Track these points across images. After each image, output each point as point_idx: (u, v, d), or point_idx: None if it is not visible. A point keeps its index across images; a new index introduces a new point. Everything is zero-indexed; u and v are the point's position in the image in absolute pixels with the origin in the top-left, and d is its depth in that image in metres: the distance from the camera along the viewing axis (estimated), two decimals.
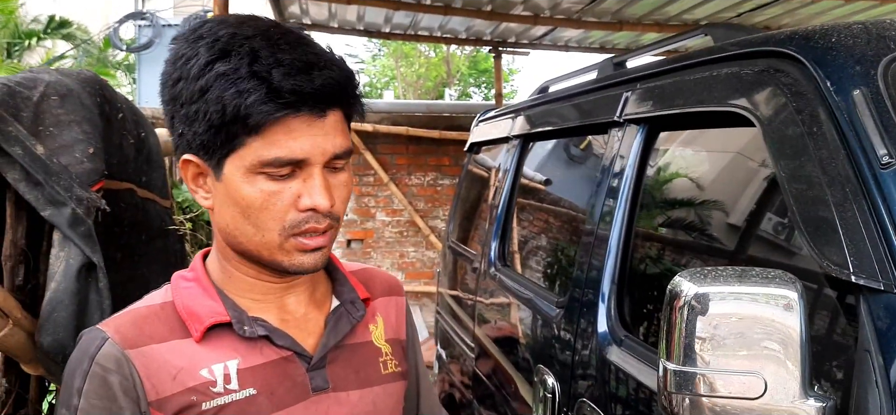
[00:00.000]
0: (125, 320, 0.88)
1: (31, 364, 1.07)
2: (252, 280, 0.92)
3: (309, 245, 0.87)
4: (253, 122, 0.80)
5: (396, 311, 1.10)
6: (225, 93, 0.80)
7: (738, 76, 1.33)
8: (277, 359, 0.91)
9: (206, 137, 0.83)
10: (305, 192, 0.85)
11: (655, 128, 1.69)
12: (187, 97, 0.83)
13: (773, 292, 0.88)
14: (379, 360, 1.02)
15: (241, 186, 0.84)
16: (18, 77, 1.10)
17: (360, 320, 1.00)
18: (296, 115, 0.82)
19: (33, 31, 12.54)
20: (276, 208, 0.84)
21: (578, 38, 6.37)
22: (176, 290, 0.93)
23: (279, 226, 0.85)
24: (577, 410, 1.64)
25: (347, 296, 1.00)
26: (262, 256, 0.88)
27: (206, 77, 0.81)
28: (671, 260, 1.64)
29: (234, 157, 0.83)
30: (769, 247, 1.36)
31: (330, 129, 0.86)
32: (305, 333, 0.95)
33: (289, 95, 0.80)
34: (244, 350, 0.89)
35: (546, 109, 2.54)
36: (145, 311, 0.90)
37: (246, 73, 0.80)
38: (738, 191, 1.50)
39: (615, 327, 1.59)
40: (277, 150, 0.82)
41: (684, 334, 0.91)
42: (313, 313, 0.97)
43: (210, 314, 0.89)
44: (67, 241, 1.03)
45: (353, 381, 0.97)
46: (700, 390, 0.91)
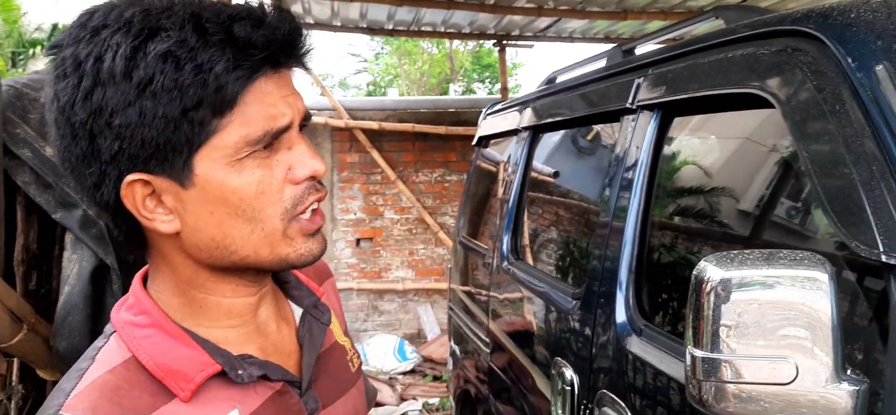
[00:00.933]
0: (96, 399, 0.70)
1: (47, 369, 1.06)
2: (228, 301, 0.79)
3: (310, 227, 0.77)
4: (227, 94, 0.68)
5: (334, 294, 1.02)
6: (179, 75, 0.66)
7: (754, 57, 1.31)
8: (272, 395, 0.79)
9: (161, 138, 0.68)
10: (295, 161, 0.75)
11: (670, 113, 1.67)
12: (118, 102, 0.67)
13: (802, 275, 0.86)
14: (346, 359, 0.96)
15: (227, 179, 0.71)
16: (25, 79, 1.09)
17: (329, 323, 0.92)
18: (264, 75, 0.71)
19: (37, 40, 12.58)
20: (272, 190, 0.73)
21: (583, 28, 6.33)
22: (132, 342, 0.75)
23: (280, 209, 0.74)
24: (598, 401, 1.63)
25: (307, 299, 0.91)
26: (261, 256, 0.75)
27: (143, 66, 0.66)
28: (689, 247, 1.62)
29: (207, 149, 0.70)
30: (787, 231, 1.34)
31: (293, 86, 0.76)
32: (285, 354, 0.85)
33: (261, 50, 0.69)
34: (239, 396, 0.77)
35: (555, 99, 2.52)
36: (111, 378, 0.72)
37: (196, 43, 0.67)
38: (758, 174, 1.48)
39: (634, 317, 1.57)
40: (261, 122, 0.71)
41: (711, 320, 0.89)
42: (283, 328, 0.87)
43: (196, 368, 0.74)
44: (80, 243, 1.02)
45: (334, 390, 0.90)
46: (729, 377, 0.89)
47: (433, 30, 6.55)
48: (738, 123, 1.54)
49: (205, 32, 0.67)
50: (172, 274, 0.77)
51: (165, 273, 0.78)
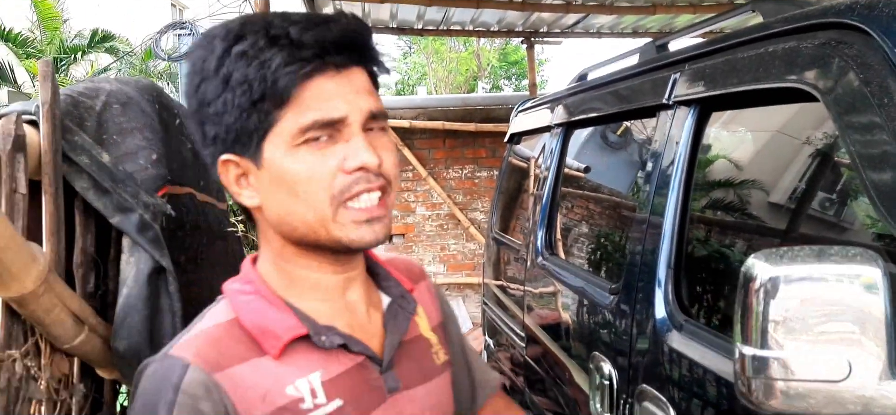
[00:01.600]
0: (202, 343, 0.83)
1: (106, 369, 1.10)
2: (315, 276, 0.89)
3: (362, 215, 0.83)
4: (281, 87, 0.78)
5: (429, 295, 1.08)
6: (248, 70, 0.78)
7: (796, 51, 1.30)
8: (354, 366, 0.88)
9: (238, 125, 0.80)
10: (349, 153, 0.81)
11: (707, 108, 1.66)
12: (212, 93, 0.81)
13: (854, 271, 0.85)
14: (431, 351, 1.00)
15: (284, 162, 0.81)
16: (80, 87, 1.12)
17: (414, 314, 0.99)
18: (322, 73, 0.80)
19: (78, 46, 12.83)
20: (322, 176, 0.81)
21: (611, 23, 6.28)
22: (237, 305, 0.87)
23: (328, 194, 0.81)
24: (638, 396, 1.62)
25: (396, 291, 0.99)
26: (320, 235, 0.83)
27: (227, 64, 0.79)
28: (729, 241, 1.61)
29: (272, 136, 0.81)
30: (825, 224, 1.33)
31: (360, 87, 0.84)
32: (369, 334, 0.92)
33: (310, 48, 0.78)
34: (323, 362, 0.86)
35: (588, 95, 2.51)
36: (216, 331, 0.85)
37: (264, 43, 0.78)
38: (797, 168, 1.46)
39: (674, 312, 1.56)
40: (313, 112, 0.79)
41: (761, 317, 0.88)
42: (372, 312, 0.95)
43: (286, 330, 0.85)
44: (137, 247, 1.05)
45: (417, 377, 0.95)
46: (779, 375, 0.89)
47: (462, 28, 6.55)
48: (779, 116, 1.53)
49: (270, 36, 0.78)
50: (269, 248, 0.89)
51: (265, 248, 0.90)
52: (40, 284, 0.88)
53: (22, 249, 0.84)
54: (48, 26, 12.34)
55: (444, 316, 1.10)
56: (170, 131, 1.26)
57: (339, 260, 0.89)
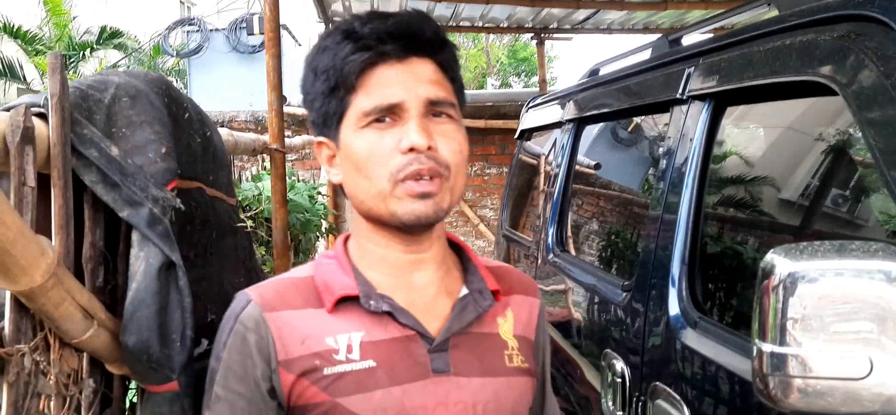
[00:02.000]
0: (268, 288, 0.97)
1: (116, 364, 1.09)
2: (382, 251, 0.97)
3: (415, 189, 0.89)
4: (348, 73, 0.89)
5: (529, 311, 1.09)
6: (327, 62, 0.90)
7: (814, 44, 1.28)
8: (400, 337, 0.94)
9: (323, 109, 0.93)
10: (404, 135, 0.89)
11: (722, 103, 1.64)
12: (308, 84, 0.95)
13: (877, 266, 0.83)
14: (504, 352, 1.02)
15: (353, 142, 0.91)
16: (89, 80, 1.11)
17: (487, 310, 1.01)
18: (384, 62, 0.90)
19: (86, 43, 12.87)
20: (381, 154, 0.90)
21: (621, 19, 6.26)
22: (317, 266, 1.00)
23: (387, 171, 0.89)
24: (651, 394, 1.61)
25: (476, 285, 1.02)
26: (380, 210, 0.92)
27: (315, 58, 0.93)
28: (744, 238, 1.59)
29: (345, 119, 0.92)
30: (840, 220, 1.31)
31: (422, 76, 0.91)
32: (431, 316, 0.97)
33: (367, 39, 0.88)
34: (369, 324, 0.94)
35: (600, 91, 2.49)
36: (288, 282, 0.99)
37: (339, 39, 0.90)
38: (814, 163, 1.44)
39: (688, 309, 1.54)
40: (373, 98, 0.89)
41: (780, 313, 0.87)
42: (442, 299, 1.00)
43: (341, 287, 0.95)
44: (146, 241, 1.04)
45: (476, 368, 0.97)
46: (798, 372, 0.87)
47: (471, 24, 6.54)
48: (796, 110, 1.51)
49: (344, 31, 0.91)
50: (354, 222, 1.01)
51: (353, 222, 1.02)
52: (49, 278, 0.87)
53: (31, 243, 0.83)
54: (57, 23, 12.39)
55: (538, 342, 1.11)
56: (179, 125, 1.25)
57: (404, 239, 0.96)
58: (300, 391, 0.92)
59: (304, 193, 2.92)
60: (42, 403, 0.96)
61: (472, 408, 0.95)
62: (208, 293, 1.42)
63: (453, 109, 0.95)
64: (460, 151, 0.94)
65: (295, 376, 0.92)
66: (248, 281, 1.64)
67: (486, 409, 0.96)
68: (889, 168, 1.03)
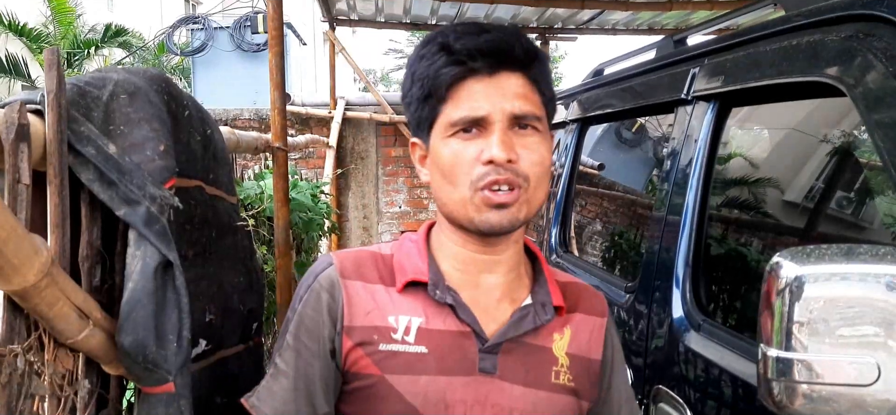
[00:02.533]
0: (349, 256, 1.04)
1: (112, 364, 1.07)
2: (457, 248, 1.02)
3: (493, 200, 0.93)
4: (439, 84, 0.94)
5: (592, 331, 1.09)
6: (423, 71, 0.96)
7: (821, 44, 1.26)
8: (456, 331, 0.98)
9: (418, 114, 0.98)
10: (485, 147, 0.93)
11: (727, 103, 1.62)
12: (407, 87, 1.00)
13: (884, 271, 0.82)
14: (553, 368, 1.03)
15: (440, 149, 0.96)
16: (87, 77, 1.10)
17: (546, 324, 1.03)
18: (473, 76, 0.94)
19: (91, 41, 12.90)
20: (464, 163, 0.94)
21: (626, 20, 6.23)
22: (400, 245, 1.07)
23: (468, 179, 0.94)
24: (653, 397, 1.59)
25: (540, 297, 1.04)
26: (459, 214, 0.96)
27: (414, 64, 0.98)
28: (749, 240, 1.57)
29: (436, 126, 0.97)
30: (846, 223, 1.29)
31: (508, 91, 0.94)
32: (490, 318, 1.01)
33: (459, 54, 0.92)
34: (431, 312, 0.99)
35: (604, 91, 2.47)
36: (368, 255, 1.05)
37: (436, 49, 0.95)
38: (820, 165, 1.43)
39: (692, 312, 1.53)
40: (461, 110, 0.93)
41: (786, 317, 0.85)
42: (505, 304, 1.03)
43: (414, 271, 1.01)
44: (143, 240, 1.03)
45: (521, 376, 1.00)
46: (804, 378, 0.85)
47: None
48: (798, 112, 1.49)
49: (440, 44, 0.95)
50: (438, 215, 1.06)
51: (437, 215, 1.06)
52: (43, 278, 0.86)
53: (24, 241, 0.82)
54: (62, 21, 12.41)
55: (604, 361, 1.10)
56: (179, 122, 1.24)
57: (481, 241, 1.00)
58: (355, 359, 0.98)
59: (306, 191, 2.90)
60: (36, 404, 0.95)
61: (508, 413, 0.99)
62: (207, 293, 1.41)
63: (539, 122, 0.97)
64: (541, 162, 0.96)
65: (353, 343, 0.98)
66: (248, 281, 1.63)
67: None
68: None
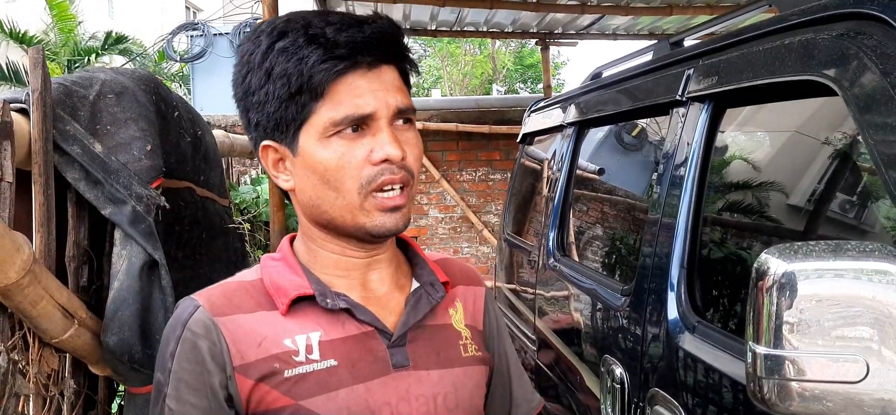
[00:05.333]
0: (216, 292, 0.93)
1: (99, 365, 1.07)
2: (336, 256, 0.96)
3: (387, 203, 0.89)
4: (316, 83, 0.85)
5: (475, 300, 1.10)
6: (288, 65, 0.85)
7: (813, 43, 1.26)
8: (359, 334, 0.93)
9: (278, 114, 0.88)
10: (376, 146, 0.88)
11: (722, 104, 1.61)
12: (257, 83, 0.88)
13: (872, 267, 0.81)
14: (459, 343, 1.02)
15: (317, 152, 0.88)
16: (74, 76, 1.10)
17: (440, 302, 1.01)
18: (354, 70, 0.87)
19: (92, 48, 12.94)
20: (351, 166, 0.87)
21: (626, 25, 6.24)
22: (264, 268, 0.97)
23: (357, 184, 0.88)
24: (650, 399, 1.58)
25: (427, 278, 1.02)
26: (346, 221, 0.90)
27: (270, 58, 0.87)
28: (743, 242, 1.56)
29: (307, 126, 0.88)
30: (843, 225, 1.28)
31: (389, 84, 0.90)
32: (386, 311, 0.97)
33: (343, 48, 0.85)
34: (326, 323, 0.92)
35: (601, 94, 2.47)
36: (235, 285, 0.95)
37: (303, 41, 0.85)
38: (815, 166, 1.42)
39: (687, 314, 1.52)
40: (345, 108, 0.86)
41: (774, 315, 0.84)
42: (395, 293, 0.99)
43: (295, 288, 0.93)
44: (129, 239, 1.03)
45: (433, 361, 0.98)
46: (793, 375, 0.84)
47: (476, 29, 6.53)
48: (794, 113, 1.48)
49: (308, 34, 0.86)
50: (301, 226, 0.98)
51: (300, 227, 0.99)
52: (25, 275, 0.86)
53: (5, 239, 0.82)
54: (63, 28, 12.45)
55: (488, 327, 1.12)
56: (168, 123, 1.24)
57: (363, 246, 0.95)
58: (260, 397, 0.89)
59: None
60: (21, 404, 0.95)
61: (433, 400, 0.95)
62: None
63: (414, 114, 0.94)
64: (420, 157, 0.95)
65: (253, 381, 0.88)
66: None
67: (446, 400, 0.96)
68: (887, 168, 1.00)
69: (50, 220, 0.98)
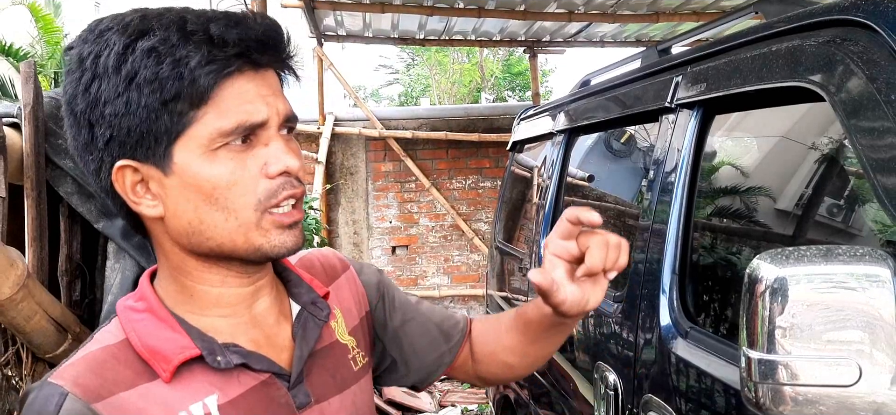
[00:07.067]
0: (81, 369, 0.76)
1: None
2: (217, 291, 0.83)
3: (285, 220, 0.79)
4: (201, 88, 0.73)
5: (350, 289, 1.03)
6: (159, 68, 0.72)
7: (800, 50, 1.27)
8: (257, 384, 0.82)
9: (144, 127, 0.74)
10: (271, 157, 0.78)
11: (710, 111, 1.63)
12: (110, 93, 0.73)
13: (863, 271, 0.82)
14: (348, 357, 0.96)
15: (202, 168, 0.75)
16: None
17: (326, 322, 0.93)
18: (242, 74, 0.76)
19: None
20: (245, 182, 0.77)
21: (614, 32, 6.28)
22: (127, 325, 0.81)
23: (253, 200, 0.77)
24: (643, 405, 1.59)
25: (307, 297, 0.93)
26: (237, 245, 0.78)
27: (130, 61, 0.72)
28: (734, 247, 1.57)
29: (185, 139, 0.75)
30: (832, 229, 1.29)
31: (276, 88, 0.80)
32: (277, 348, 0.87)
33: (234, 47, 0.73)
34: (220, 383, 0.80)
35: (591, 101, 2.48)
36: (100, 354, 0.78)
37: (178, 40, 0.72)
38: (805, 171, 1.43)
39: (679, 320, 1.53)
40: (236, 115, 0.75)
41: (768, 320, 0.85)
42: (282, 321, 0.90)
43: (177, 351, 0.79)
44: (122, 253, 1.03)
45: (331, 387, 0.91)
46: (786, 379, 0.85)
47: (464, 38, 6.55)
48: (784, 117, 1.50)
49: (186, 32, 0.73)
50: (166, 262, 0.83)
51: (162, 262, 0.83)
52: (18, 290, 0.85)
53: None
54: (49, 41, 12.37)
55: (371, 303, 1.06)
56: None
57: (249, 271, 0.84)
58: None
59: None
60: None
61: None
62: None
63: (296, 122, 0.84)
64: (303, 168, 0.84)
65: None
66: None
67: None
68: (875, 172, 1.02)
69: (43, 234, 0.97)
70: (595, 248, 0.86)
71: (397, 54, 20.59)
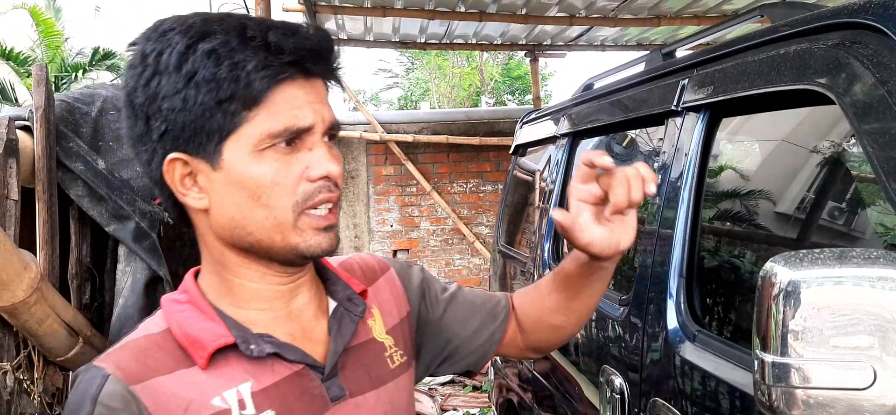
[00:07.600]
0: (124, 355, 0.81)
1: None
2: (256, 286, 0.87)
3: (321, 223, 0.83)
4: (255, 91, 0.77)
5: (390, 289, 1.06)
6: (218, 70, 0.76)
7: (809, 53, 1.27)
8: (290, 375, 0.86)
9: (198, 123, 0.78)
10: (313, 162, 0.82)
11: (717, 114, 1.63)
12: (169, 89, 0.78)
13: (878, 274, 0.82)
14: (385, 355, 0.98)
15: (249, 165, 0.79)
16: (76, 93, 1.10)
17: (362, 317, 0.96)
18: (293, 80, 0.79)
19: (79, 64, 12.87)
20: (287, 183, 0.80)
21: (615, 36, 6.28)
22: (170, 315, 0.86)
23: (292, 201, 0.81)
24: (650, 409, 1.58)
25: (343, 294, 0.96)
26: (274, 242, 0.82)
27: (191, 60, 0.77)
28: (742, 250, 1.57)
29: (236, 137, 0.79)
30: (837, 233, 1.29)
31: (323, 97, 0.84)
32: (313, 342, 0.90)
33: (289, 55, 0.78)
34: (254, 371, 0.84)
35: (594, 105, 2.48)
36: (144, 342, 0.83)
37: (237, 44, 0.77)
38: (813, 174, 1.43)
39: (686, 323, 1.53)
40: (285, 119, 0.79)
41: (781, 323, 0.85)
42: (319, 318, 0.93)
43: (212, 338, 0.83)
44: (133, 256, 1.02)
45: (367, 383, 0.93)
46: (800, 382, 0.85)
47: (465, 42, 6.55)
48: (789, 122, 1.50)
49: (245, 37, 0.77)
50: (209, 255, 0.87)
51: (205, 256, 0.87)
52: (32, 294, 0.85)
53: (13, 257, 0.81)
54: (49, 44, 12.38)
55: (413, 304, 1.09)
56: None
57: (287, 270, 0.88)
58: None
59: None
60: None
61: None
62: None
63: (339, 131, 0.88)
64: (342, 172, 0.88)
65: None
66: None
67: None
68: (887, 175, 1.02)
69: (54, 237, 0.97)
70: (617, 185, 0.90)
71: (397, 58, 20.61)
